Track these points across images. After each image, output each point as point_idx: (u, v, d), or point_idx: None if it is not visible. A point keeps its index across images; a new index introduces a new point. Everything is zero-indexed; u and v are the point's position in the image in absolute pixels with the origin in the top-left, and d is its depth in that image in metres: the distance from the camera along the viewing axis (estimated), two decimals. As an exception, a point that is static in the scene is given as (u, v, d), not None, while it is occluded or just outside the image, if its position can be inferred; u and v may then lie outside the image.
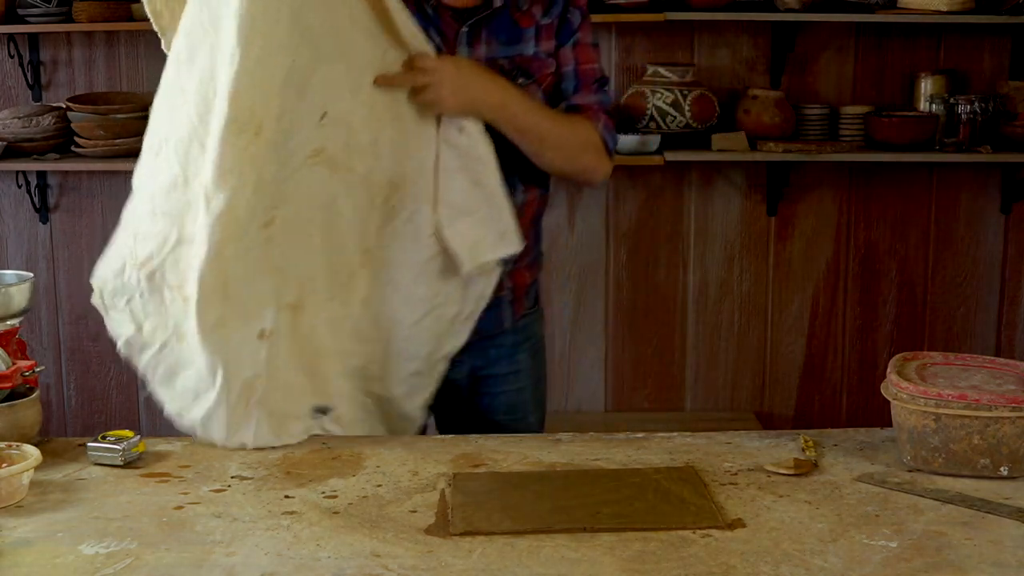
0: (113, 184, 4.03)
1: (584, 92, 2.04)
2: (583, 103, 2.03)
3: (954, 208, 3.99)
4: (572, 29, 2.02)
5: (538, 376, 2.20)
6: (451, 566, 1.41)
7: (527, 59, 1.99)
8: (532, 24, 1.99)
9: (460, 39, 1.96)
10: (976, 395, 1.64)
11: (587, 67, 2.04)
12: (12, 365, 1.87)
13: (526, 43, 1.99)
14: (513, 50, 1.99)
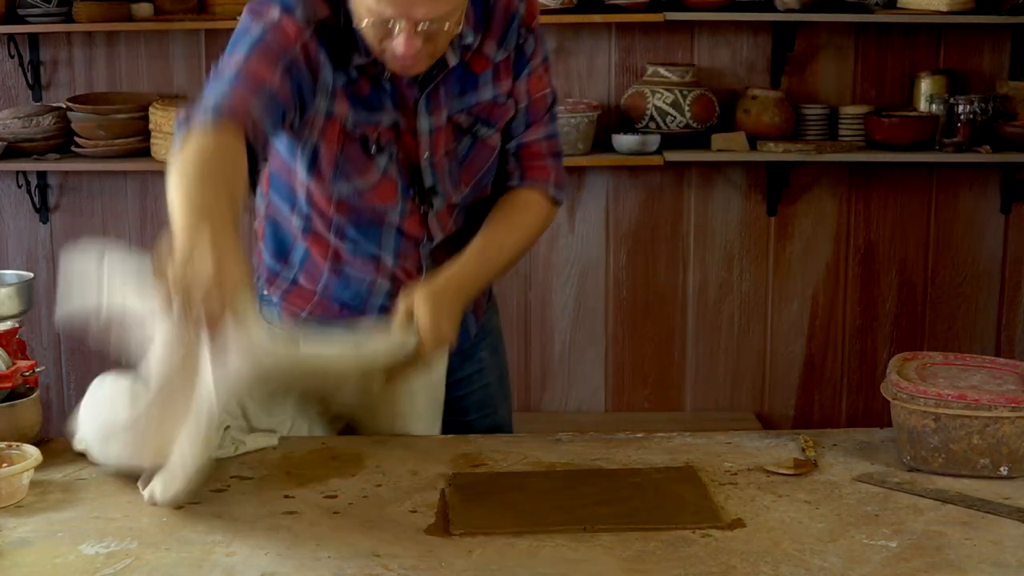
0: (113, 184, 4.03)
1: (534, 127, 1.94)
2: (531, 142, 1.93)
3: (954, 208, 3.99)
4: (526, 59, 1.89)
5: (500, 370, 2.15)
6: (451, 566, 1.41)
7: (486, 106, 1.87)
8: (488, 66, 1.85)
9: (419, 109, 1.81)
10: (976, 395, 1.64)
11: (539, 96, 1.92)
12: (12, 365, 1.87)
13: (483, 88, 1.86)
14: (470, 100, 1.85)
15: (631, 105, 3.81)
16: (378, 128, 1.81)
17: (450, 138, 1.86)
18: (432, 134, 1.84)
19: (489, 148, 1.90)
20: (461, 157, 1.88)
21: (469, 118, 1.86)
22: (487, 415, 2.08)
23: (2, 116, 3.81)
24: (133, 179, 4.02)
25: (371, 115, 1.81)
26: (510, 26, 1.85)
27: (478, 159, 1.89)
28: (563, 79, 3.93)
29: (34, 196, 3.99)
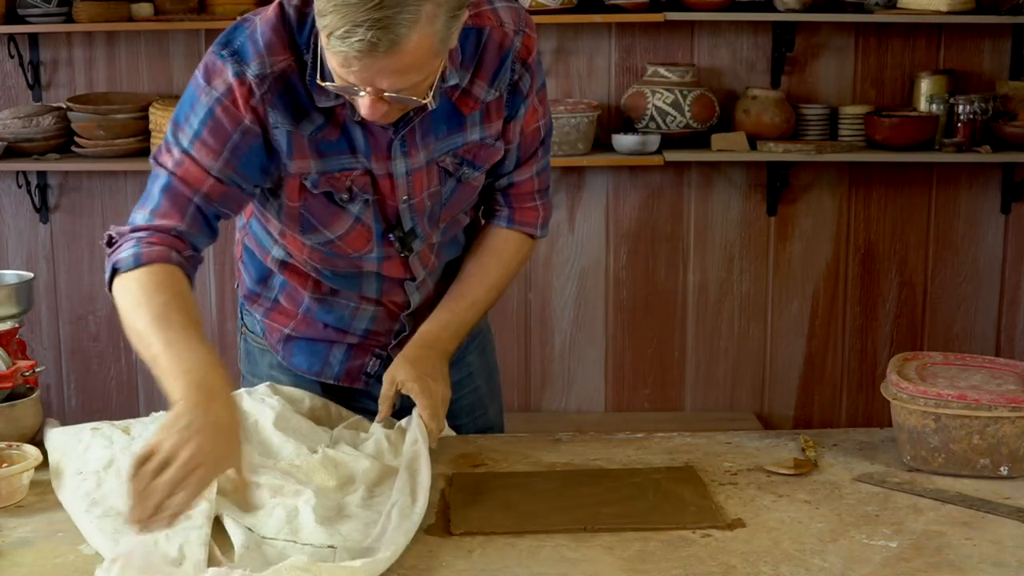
0: (113, 184, 4.03)
1: (527, 166, 1.87)
2: (522, 181, 1.87)
3: (954, 208, 3.99)
4: (523, 96, 1.77)
5: (489, 371, 2.11)
6: (451, 566, 1.41)
7: (472, 147, 1.76)
8: (478, 107, 1.73)
9: (394, 152, 1.70)
10: (976, 395, 1.64)
11: (532, 129, 1.83)
12: (12, 365, 1.87)
13: (470, 129, 1.75)
14: (455, 142, 1.74)
15: (631, 105, 3.81)
16: (351, 175, 1.71)
17: (433, 180, 1.76)
18: (409, 176, 1.73)
19: (472, 188, 1.83)
20: (445, 198, 1.80)
21: (455, 160, 1.76)
22: (477, 417, 2.06)
23: (2, 116, 3.81)
24: (133, 179, 4.02)
25: (342, 160, 1.70)
26: (503, 64, 1.73)
27: (460, 200, 1.83)
28: (563, 79, 3.93)
29: (34, 196, 3.99)
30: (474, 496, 1.61)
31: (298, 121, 1.66)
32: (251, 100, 1.63)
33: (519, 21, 1.75)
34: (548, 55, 3.91)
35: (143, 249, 1.61)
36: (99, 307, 4.09)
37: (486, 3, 1.73)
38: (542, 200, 1.92)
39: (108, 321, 4.10)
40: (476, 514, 1.55)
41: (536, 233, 1.94)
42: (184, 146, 1.66)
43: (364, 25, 1.42)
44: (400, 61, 1.47)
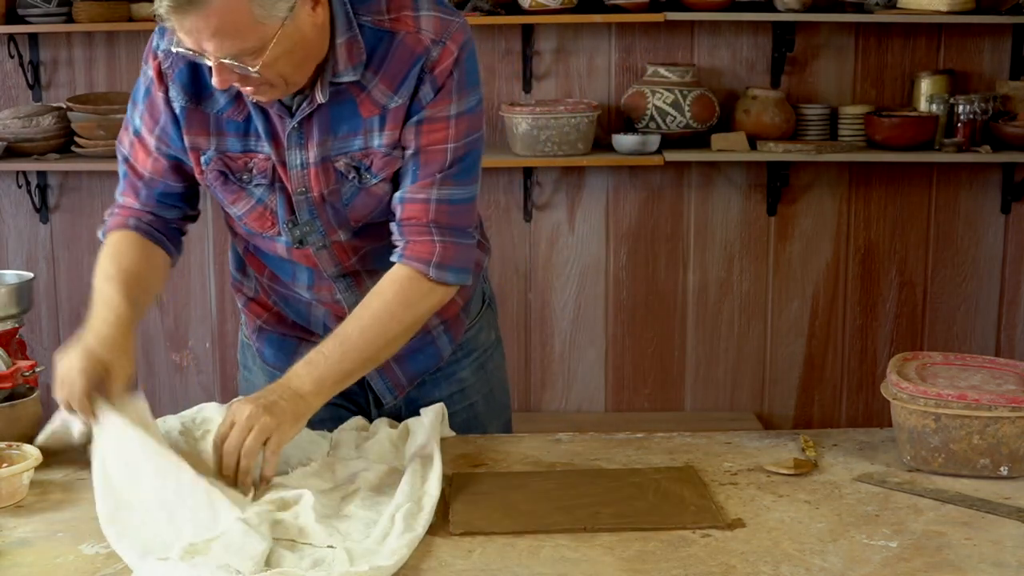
0: (113, 184, 3.99)
1: (422, 185, 1.72)
2: (414, 201, 1.72)
3: (954, 208, 3.99)
4: (420, 105, 1.69)
5: (490, 388, 2.03)
6: (451, 566, 1.41)
7: (371, 153, 1.72)
8: (378, 111, 1.69)
9: (289, 142, 1.71)
10: (976, 395, 1.64)
11: (433, 149, 1.71)
12: (12, 365, 1.87)
13: (368, 134, 1.71)
14: (351, 145, 1.71)
15: (631, 105, 3.81)
16: (253, 157, 1.74)
17: (330, 179, 1.74)
18: (303, 170, 1.73)
19: (377, 196, 1.76)
20: (346, 200, 1.76)
21: (350, 163, 1.73)
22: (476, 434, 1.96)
23: (2, 116, 3.81)
24: (133, 179, 4.02)
25: (244, 142, 1.74)
26: (410, 72, 1.68)
27: (366, 206, 1.77)
28: (563, 79, 3.93)
29: (34, 196, 3.99)
30: (474, 496, 1.61)
31: (201, 98, 1.73)
32: (161, 72, 1.75)
33: (443, 33, 1.68)
34: (548, 55, 3.91)
35: (108, 222, 1.86)
36: (99, 307, 4.09)
37: (410, 8, 1.69)
38: (441, 236, 1.73)
39: (108, 321, 4.09)
40: (476, 514, 1.55)
41: (428, 272, 1.72)
42: (136, 126, 1.83)
43: None
44: (209, 21, 1.52)
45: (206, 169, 1.77)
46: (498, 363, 2.09)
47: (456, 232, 1.75)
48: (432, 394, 1.95)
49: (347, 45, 1.66)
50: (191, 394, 4.14)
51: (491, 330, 2.07)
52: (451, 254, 1.74)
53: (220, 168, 1.76)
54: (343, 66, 1.67)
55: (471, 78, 1.73)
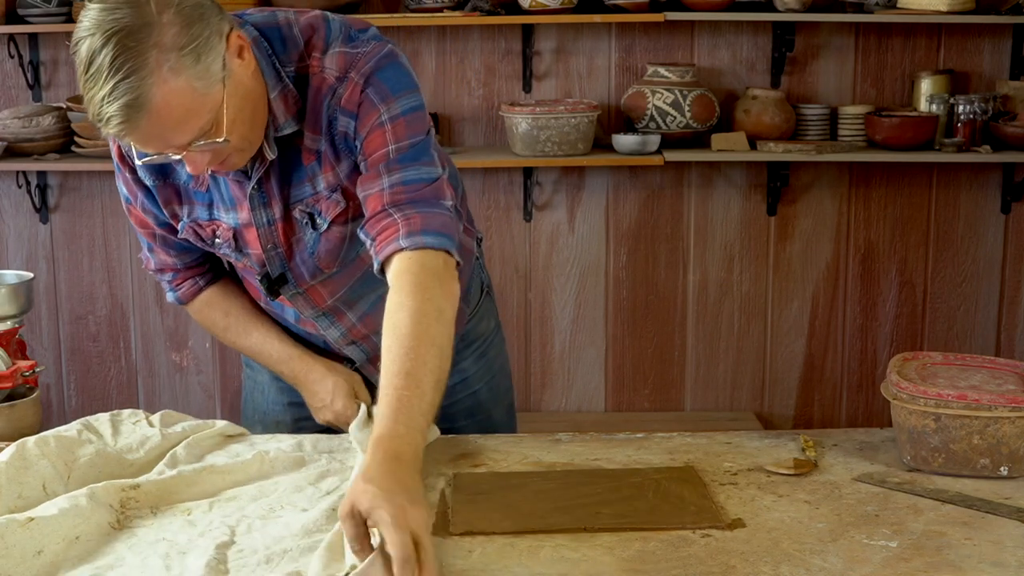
0: (113, 184, 4.01)
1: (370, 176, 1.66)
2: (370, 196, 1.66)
3: (954, 208, 3.99)
4: (350, 137, 1.66)
5: (492, 374, 2.06)
6: (451, 566, 1.40)
7: (317, 199, 1.72)
8: (313, 158, 1.69)
9: (253, 203, 1.72)
10: (976, 395, 1.64)
11: (378, 153, 1.66)
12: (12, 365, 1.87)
13: (313, 180, 1.70)
14: (303, 192, 1.71)
15: (631, 105, 3.81)
16: (218, 225, 1.77)
17: (293, 229, 1.75)
18: (271, 226, 1.75)
19: (336, 238, 1.76)
20: (310, 250, 1.77)
21: (304, 209, 1.73)
22: (479, 420, 2.03)
23: (2, 116, 3.81)
24: (133, 179, 4.02)
25: (211, 211, 1.77)
26: (323, 112, 1.66)
27: (328, 252, 1.77)
28: (563, 79, 3.93)
29: (34, 196, 3.99)
30: (474, 496, 1.61)
31: (166, 174, 1.75)
32: (123, 155, 1.76)
33: (346, 67, 1.64)
34: (548, 55, 3.91)
35: (177, 292, 1.92)
36: (99, 307, 4.10)
37: (320, 50, 1.66)
38: (402, 212, 1.63)
39: (108, 321, 4.10)
40: (476, 514, 1.55)
41: (401, 245, 1.60)
42: (125, 195, 1.84)
43: (104, 103, 1.45)
44: (163, 117, 1.48)
45: (182, 233, 1.81)
46: (499, 349, 2.11)
47: (419, 204, 1.64)
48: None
49: (282, 98, 1.64)
50: (191, 394, 4.14)
51: (491, 318, 2.09)
52: (417, 221, 1.62)
53: (192, 234, 1.81)
54: (282, 119, 1.65)
55: (395, 86, 1.66)
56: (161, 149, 1.54)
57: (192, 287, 1.90)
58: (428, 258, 1.60)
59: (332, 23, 1.67)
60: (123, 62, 1.44)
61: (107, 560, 1.44)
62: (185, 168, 1.63)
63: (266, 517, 1.55)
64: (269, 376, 1.99)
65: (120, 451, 1.72)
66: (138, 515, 1.56)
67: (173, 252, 1.87)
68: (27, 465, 1.61)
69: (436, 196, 1.66)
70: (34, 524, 1.43)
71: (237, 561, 1.42)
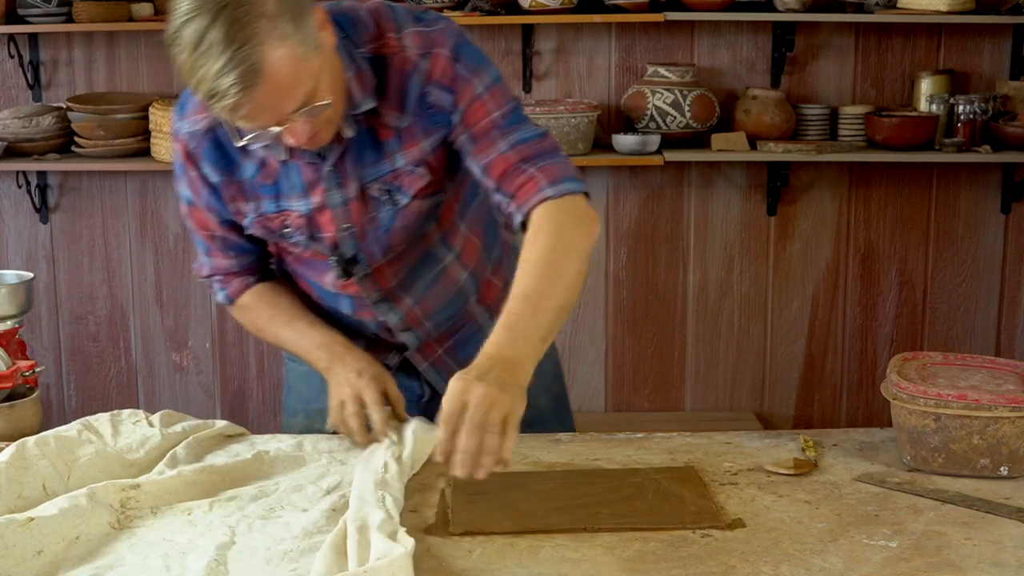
0: (113, 184, 4.03)
1: (485, 145, 1.73)
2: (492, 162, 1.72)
3: (954, 208, 3.99)
4: (447, 108, 1.73)
5: (546, 383, 2.05)
6: (451, 566, 1.41)
7: (398, 174, 1.76)
8: (392, 134, 1.74)
9: (328, 183, 1.76)
10: (976, 395, 1.64)
11: (483, 121, 1.73)
12: (12, 365, 1.87)
13: (393, 157, 1.75)
14: (381, 169, 1.76)
15: (631, 105, 3.81)
16: (287, 216, 1.80)
17: (368, 208, 1.79)
18: (346, 207, 1.79)
19: (414, 213, 1.81)
20: (385, 225, 1.81)
21: (382, 187, 1.78)
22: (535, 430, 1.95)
23: (2, 116, 3.81)
24: (133, 179, 4.02)
25: (279, 202, 1.80)
26: (408, 90, 1.72)
27: (404, 226, 1.82)
28: (563, 79, 3.93)
29: (34, 196, 3.99)
30: (474, 496, 1.61)
31: (231, 171, 1.79)
32: (190, 153, 1.79)
33: (427, 44, 1.72)
34: (548, 55, 3.91)
35: (227, 289, 1.94)
36: (99, 307, 4.10)
37: (393, 31, 1.72)
38: (535, 166, 1.71)
39: (108, 321, 4.10)
40: (476, 514, 1.55)
41: (548, 194, 1.69)
42: (187, 197, 1.86)
43: (222, 75, 1.49)
44: (276, 82, 1.53)
45: (250, 229, 1.85)
46: (550, 373, 2.12)
47: (546, 156, 1.73)
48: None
49: (356, 77, 1.70)
50: (191, 394, 4.14)
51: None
52: (554, 171, 1.71)
53: (261, 228, 1.84)
54: (359, 97, 1.71)
55: (479, 60, 1.75)
56: (271, 119, 1.57)
57: (242, 284, 1.93)
58: (571, 203, 1.70)
59: (394, 7, 1.75)
60: (235, 33, 1.49)
61: (107, 560, 1.44)
62: (250, 161, 1.75)
63: (266, 517, 1.55)
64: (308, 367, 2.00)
65: (120, 451, 1.72)
66: (138, 515, 1.56)
67: (232, 254, 1.90)
68: (27, 465, 1.61)
69: (555, 147, 1.76)
70: (34, 524, 1.43)
71: (237, 561, 1.42)
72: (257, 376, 4.14)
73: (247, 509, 1.58)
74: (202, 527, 1.52)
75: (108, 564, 1.43)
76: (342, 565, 1.36)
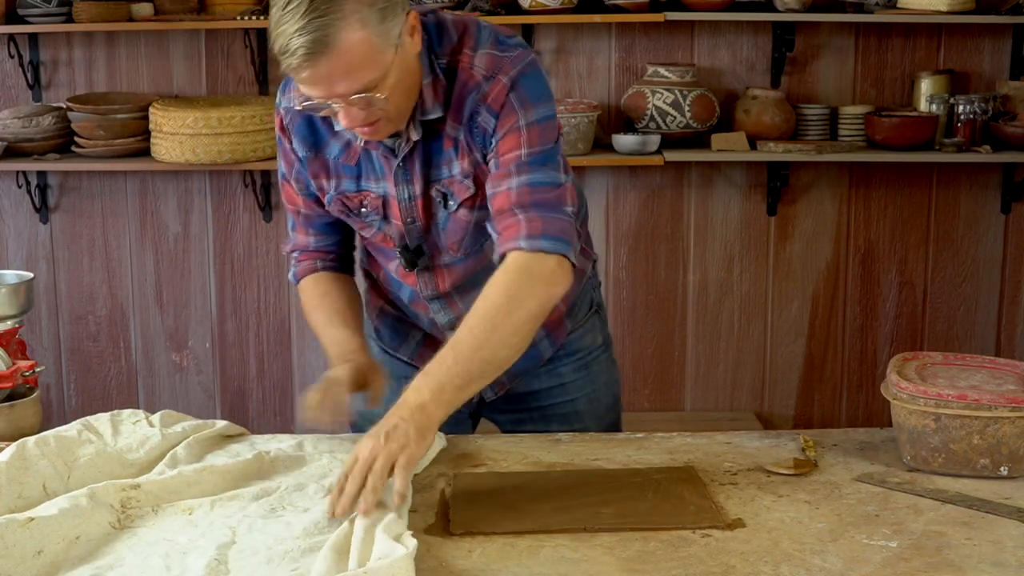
0: (113, 184, 4.03)
1: (499, 178, 1.78)
2: (496, 195, 1.79)
3: (954, 208, 3.99)
4: (488, 131, 1.79)
5: (593, 388, 2.10)
6: (451, 566, 1.41)
7: (452, 181, 1.84)
8: (451, 144, 1.82)
9: (397, 179, 1.86)
10: (976, 395, 1.64)
11: (509, 156, 1.79)
12: (12, 365, 1.87)
13: (448, 164, 1.84)
14: (443, 173, 1.85)
15: (631, 105, 3.81)
16: (366, 196, 1.89)
17: (431, 207, 1.88)
18: (411, 202, 1.87)
19: (463, 221, 1.88)
20: (441, 227, 1.89)
21: (440, 190, 1.86)
22: (574, 431, 2.01)
23: (2, 116, 3.81)
24: (133, 179, 4.02)
25: (359, 183, 1.89)
26: (467, 104, 1.80)
27: (455, 230, 1.89)
28: (563, 79, 3.93)
29: (34, 196, 3.99)
30: (474, 496, 1.61)
31: (319, 148, 1.89)
32: (284, 127, 1.91)
33: (494, 68, 1.78)
34: (548, 55, 3.91)
35: (296, 268, 2.05)
36: (99, 307, 4.10)
37: (471, 48, 1.80)
38: (526, 213, 1.76)
39: (108, 321, 4.10)
40: (476, 514, 1.55)
41: (520, 246, 1.74)
42: (282, 171, 1.97)
43: (296, 35, 1.59)
44: (341, 59, 1.62)
45: (330, 206, 1.94)
46: (604, 366, 2.16)
47: (541, 207, 1.77)
48: (531, 385, 2.07)
49: (432, 85, 1.78)
50: (191, 394, 4.14)
51: (597, 335, 2.18)
52: (538, 225, 1.75)
53: (340, 206, 1.93)
54: (430, 105, 1.79)
55: (534, 95, 1.80)
56: (327, 93, 1.66)
57: (310, 266, 2.03)
58: (538, 261, 1.75)
59: (483, 26, 1.83)
60: (321, 4, 1.59)
61: (107, 560, 1.44)
62: (337, 141, 1.86)
63: (267, 517, 1.55)
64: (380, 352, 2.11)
65: (120, 451, 1.72)
66: (139, 515, 1.56)
67: (312, 231, 2.01)
68: (27, 465, 1.61)
69: (559, 201, 1.79)
70: (34, 524, 1.43)
71: (238, 561, 1.42)
72: (257, 376, 4.14)
73: (248, 509, 1.58)
74: (203, 527, 1.52)
75: (108, 564, 1.43)
76: (343, 565, 1.36)
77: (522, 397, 2.07)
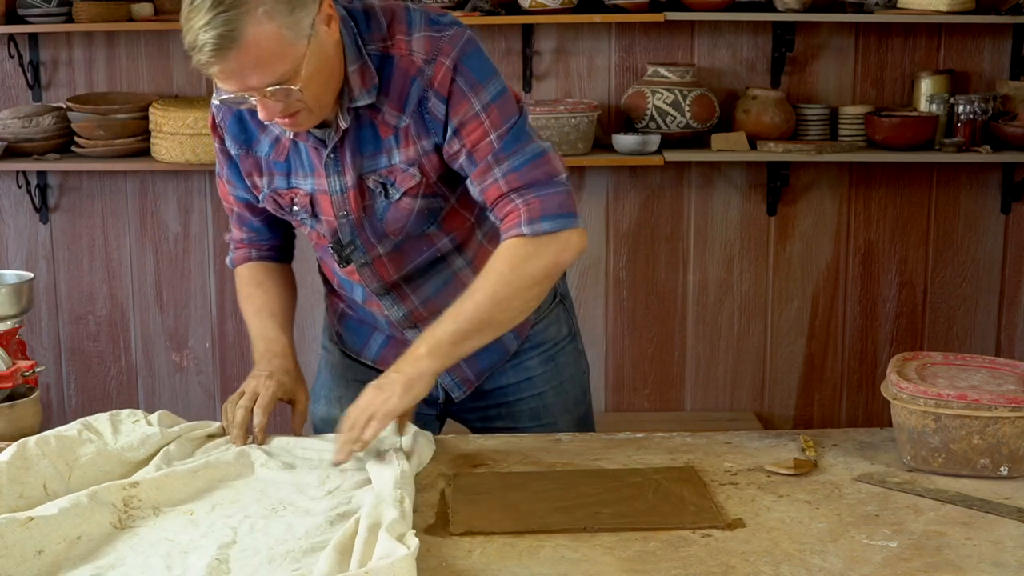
0: (113, 184, 4.03)
1: (482, 173, 1.79)
2: (486, 187, 1.79)
3: (954, 208, 3.99)
4: (440, 119, 1.78)
5: (560, 381, 2.08)
6: (451, 566, 1.41)
7: (392, 170, 1.82)
8: (391, 132, 1.80)
9: (328, 170, 1.83)
10: (976, 395, 1.64)
11: (479, 145, 1.78)
12: (12, 365, 1.87)
13: (387, 153, 1.81)
14: (378, 163, 1.82)
15: (631, 105, 3.81)
16: (295, 193, 1.88)
17: (365, 198, 1.85)
18: (343, 194, 1.85)
19: (406, 209, 1.85)
20: (380, 216, 1.87)
21: (378, 180, 1.83)
22: (544, 425, 2.04)
23: (2, 116, 3.81)
24: (133, 179, 4.02)
25: (289, 180, 1.88)
26: (410, 92, 1.77)
27: (397, 218, 1.86)
28: (563, 79, 3.93)
29: (34, 196, 3.99)
30: (474, 496, 1.61)
31: (250, 145, 1.89)
32: (216, 125, 1.92)
33: (432, 51, 1.76)
34: (548, 55, 3.91)
35: (233, 255, 2.09)
36: (99, 307, 4.10)
37: (404, 32, 1.78)
38: (522, 197, 1.78)
39: (108, 321, 4.10)
40: (476, 514, 1.55)
41: (523, 232, 1.77)
42: (217, 169, 1.99)
43: (202, 30, 1.59)
44: (250, 53, 1.61)
45: (262, 203, 1.95)
46: (571, 358, 2.13)
47: (536, 187, 1.79)
48: (498, 381, 2.05)
49: (359, 72, 1.76)
50: (191, 394, 4.14)
51: (562, 325, 2.12)
52: (537, 206, 1.78)
53: (273, 203, 1.93)
54: (357, 92, 1.77)
55: (481, 74, 1.78)
56: (240, 87, 1.66)
57: (245, 255, 2.06)
58: (547, 246, 1.78)
59: (412, 9, 1.81)
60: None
61: (108, 560, 1.44)
62: (267, 137, 1.86)
63: (268, 517, 1.55)
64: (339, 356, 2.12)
65: (120, 450, 1.73)
66: (140, 515, 1.56)
67: (246, 229, 2.04)
68: (28, 465, 1.61)
69: (549, 174, 1.80)
70: (34, 524, 1.43)
71: (239, 561, 1.42)
72: (257, 376, 4.14)
73: (249, 509, 1.58)
74: (204, 527, 1.52)
75: (109, 564, 1.43)
76: (344, 565, 1.36)
77: (489, 394, 2.05)
